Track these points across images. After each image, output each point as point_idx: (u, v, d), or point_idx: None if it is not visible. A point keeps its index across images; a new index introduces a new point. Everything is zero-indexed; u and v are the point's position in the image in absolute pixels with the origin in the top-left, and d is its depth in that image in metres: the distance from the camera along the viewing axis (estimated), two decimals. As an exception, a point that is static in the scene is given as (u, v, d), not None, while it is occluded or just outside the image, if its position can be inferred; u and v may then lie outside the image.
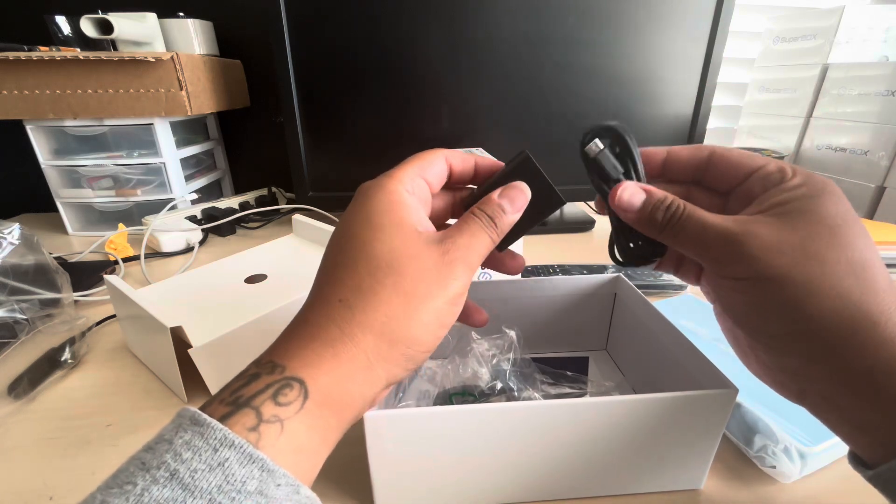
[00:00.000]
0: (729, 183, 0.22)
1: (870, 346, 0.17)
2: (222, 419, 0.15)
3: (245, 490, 0.14)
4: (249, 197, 0.77)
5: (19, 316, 0.40)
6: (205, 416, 0.15)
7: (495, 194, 0.23)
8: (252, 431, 0.15)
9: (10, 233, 0.42)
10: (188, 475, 0.14)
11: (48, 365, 0.37)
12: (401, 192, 0.21)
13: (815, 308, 0.17)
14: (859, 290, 0.17)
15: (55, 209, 0.69)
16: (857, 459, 0.20)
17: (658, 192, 0.22)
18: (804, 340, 0.18)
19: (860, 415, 0.18)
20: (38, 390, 0.35)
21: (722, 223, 0.19)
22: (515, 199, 0.23)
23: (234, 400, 0.16)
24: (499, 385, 0.29)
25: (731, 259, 0.19)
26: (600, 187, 0.23)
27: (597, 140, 0.23)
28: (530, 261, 0.42)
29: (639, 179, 0.23)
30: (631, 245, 0.23)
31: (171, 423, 0.16)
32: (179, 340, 0.33)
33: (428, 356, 0.20)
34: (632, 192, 0.22)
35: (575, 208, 0.78)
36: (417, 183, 0.22)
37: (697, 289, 0.28)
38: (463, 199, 0.25)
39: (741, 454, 0.29)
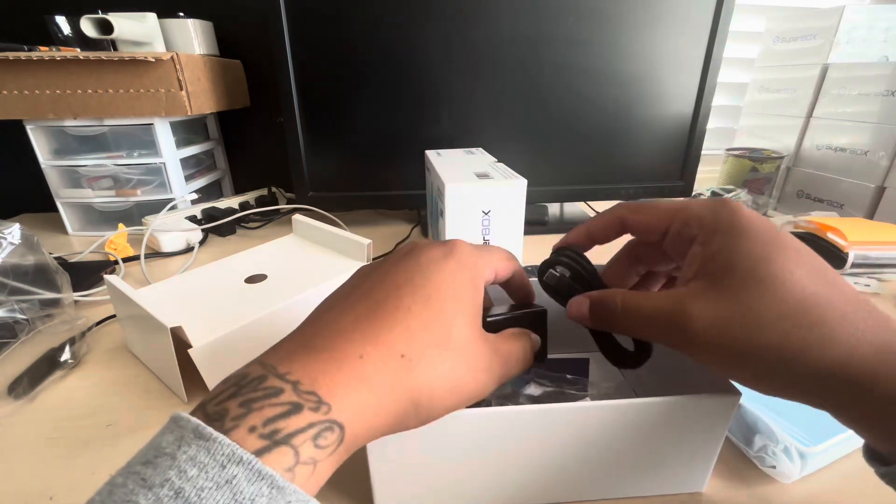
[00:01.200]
0: (653, 241, 0.24)
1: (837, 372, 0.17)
2: (257, 453, 0.14)
3: None
4: (249, 197, 0.77)
5: (19, 316, 0.40)
6: (209, 429, 0.14)
7: (532, 334, 0.25)
8: (287, 472, 0.14)
9: (10, 233, 0.42)
10: (194, 494, 0.13)
11: (48, 365, 0.37)
12: (481, 282, 0.22)
13: (760, 356, 0.18)
14: (803, 328, 0.17)
15: (55, 209, 0.69)
16: (871, 453, 0.19)
17: (595, 295, 0.23)
18: (766, 378, 0.19)
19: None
20: (37, 390, 0.35)
21: (657, 305, 0.20)
22: (536, 344, 0.25)
23: (271, 434, 0.15)
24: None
25: (677, 341, 0.20)
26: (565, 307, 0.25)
27: (551, 270, 0.26)
28: (531, 260, 0.42)
29: (598, 288, 0.24)
30: (619, 351, 0.26)
31: (169, 434, 0.14)
32: (179, 340, 0.32)
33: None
34: (578, 304, 0.24)
35: (575, 208, 0.78)
36: (491, 271, 0.23)
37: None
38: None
39: (741, 454, 0.29)
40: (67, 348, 0.38)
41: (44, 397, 0.35)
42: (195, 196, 0.73)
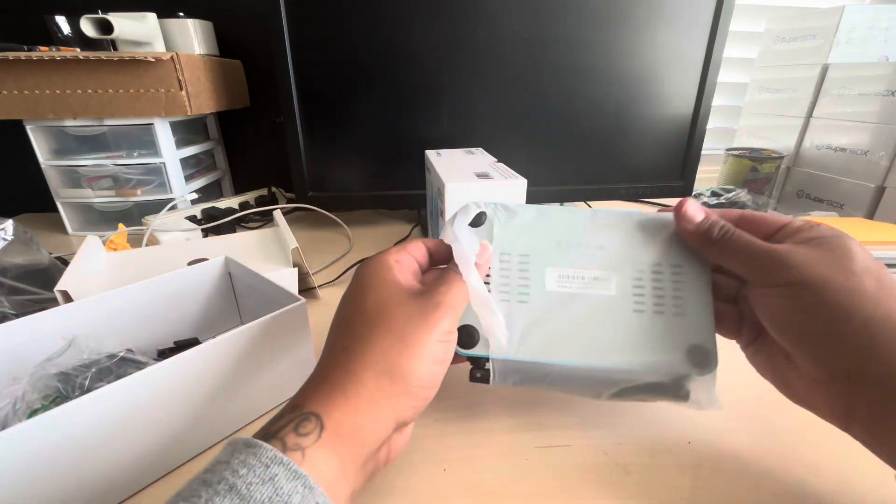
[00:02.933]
0: (762, 235, 0.25)
1: None
2: None
3: (291, 502, 0.16)
4: (249, 197, 0.77)
5: (8, 311, 0.40)
6: (256, 440, 0.18)
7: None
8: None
9: (2, 229, 0.42)
10: (244, 487, 0.16)
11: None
12: (387, 260, 0.25)
13: (851, 308, 0.20)
14: (886, 295, 0.20)
15: (55, 209, 0.69)
16: None
17: (713, 214, 0.26)
18: (848, 337, 0.20)
19: None
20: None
21: (765, 243, 0.24)
22: (483, 252, 0.27)
23: (264, 434, 0.19)
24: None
25: (777, 267, 0.22)
26: None
27: None
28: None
29: None
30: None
31: (224, 450, 0.18)
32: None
33: (430, 393, 0.23)
34: (695, 208, 0.27)
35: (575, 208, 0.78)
36: (402, 255, 0.26)
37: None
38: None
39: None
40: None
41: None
42: (195, 196, 0.73)
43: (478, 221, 0.29)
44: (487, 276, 0.27)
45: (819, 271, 0.21)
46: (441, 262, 0.28)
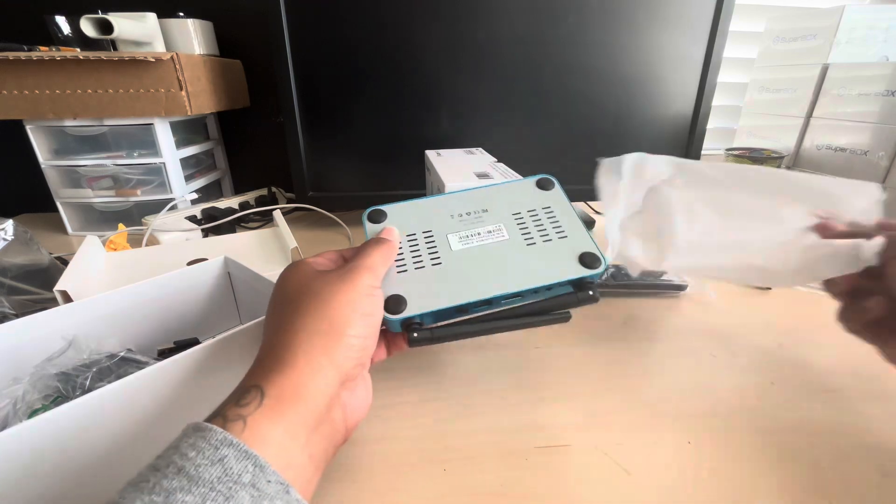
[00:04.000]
0: None
1: None
2: None
3: (241, 482, 0.16)
4: (249, 197, 0.77)
5: (8, 311, 0.40)
6: (206, 423, 0.18)
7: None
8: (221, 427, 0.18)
9: (2, 229, 0.42)
10: (192, 469, 0.16)
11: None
12: (302, 260, 0.27)
13: None
14: None
15: (55, 209, 0.69)
16: None
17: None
18: None
19: None
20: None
21: None
22: (391, 233, 0.32)
23: (211, 415, 0.19)
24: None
25: None
26: None
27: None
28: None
29: None
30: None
31: (176, 438, 0.18)
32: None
33: (366, 343, 0.24)
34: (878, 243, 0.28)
35: (575, 208, 0.78)
36: (316, 258, 0.29)
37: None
38: None
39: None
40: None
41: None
42: (195, 196, 0.73)
43: (377, 219, 0.34)
44: (399, 260, 0.31)
45: None
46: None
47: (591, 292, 0.29)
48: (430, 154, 0.53)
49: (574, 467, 0.28)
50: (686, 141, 0.69)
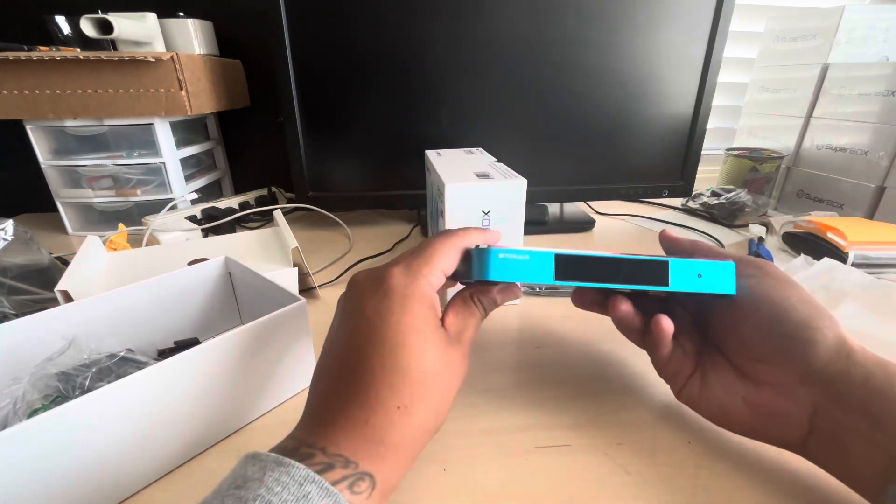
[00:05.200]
0: None
1: (854, 354, 0.23)
2: None
3: None
4: (249, 197, 0.77)
5: (9, 311, 0.40)
6: (288, 458, 0.18)
7: (496, 289, 0.27)
8: None
9: (2, 229, 0.42)
10: (279, 503, 0.16)
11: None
12: (433, 297, 0.24)
13: (792, 317, 0.24)
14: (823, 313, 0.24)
15: (55, 209, 0.69)
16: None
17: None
18: (795, 344, 0.24)
19: (866, 444, 0.21)
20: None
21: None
22: (507, 294, 0.28)
23: (322, 481, 0.18)
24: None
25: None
26: None
27: None
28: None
29: None
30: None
31: (252, 466, 0.18)
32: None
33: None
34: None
35: (575, 208, 0.78)
36: (438, 278, 0.25)
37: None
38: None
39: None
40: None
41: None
42: (195, 196, 0.73)
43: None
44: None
45: (759, 288, 0.25)
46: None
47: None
48: (430, 154, 0.53)
49: (574, 467, 0.28)
50: (686, 141, 0.69)
